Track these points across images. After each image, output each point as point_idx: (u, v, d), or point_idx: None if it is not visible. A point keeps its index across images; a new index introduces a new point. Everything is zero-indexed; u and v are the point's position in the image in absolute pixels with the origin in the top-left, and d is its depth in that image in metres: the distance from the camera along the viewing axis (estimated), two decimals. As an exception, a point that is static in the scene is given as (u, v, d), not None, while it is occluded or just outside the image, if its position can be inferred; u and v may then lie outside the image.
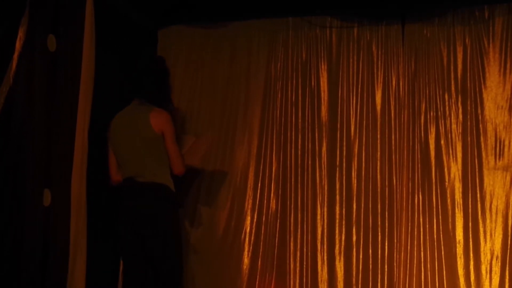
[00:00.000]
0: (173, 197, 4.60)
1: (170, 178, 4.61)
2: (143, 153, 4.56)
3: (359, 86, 5.69)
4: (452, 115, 5.50)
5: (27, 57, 4.32)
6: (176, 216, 4.68)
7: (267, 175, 5.72)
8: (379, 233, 5.50)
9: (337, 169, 5.64)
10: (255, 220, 5.70)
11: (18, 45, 4.29)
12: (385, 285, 5.44)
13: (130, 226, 4.62)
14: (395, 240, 5.47)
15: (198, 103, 5.92)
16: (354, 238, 5.53)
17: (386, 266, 5.46)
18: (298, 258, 5.60)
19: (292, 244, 5.62)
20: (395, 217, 5.49)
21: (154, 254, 4.59)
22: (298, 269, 5.59)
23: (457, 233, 5.38)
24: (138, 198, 4.58)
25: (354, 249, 5.52)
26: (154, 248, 4.59)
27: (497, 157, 5.39)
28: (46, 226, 4.45)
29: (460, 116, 5.49)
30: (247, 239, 5.65)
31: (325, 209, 5.62)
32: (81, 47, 4.75)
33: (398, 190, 5.52)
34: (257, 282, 5.57)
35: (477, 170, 5.40)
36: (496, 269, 5.27)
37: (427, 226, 5.43)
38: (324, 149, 5.69)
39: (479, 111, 5.46)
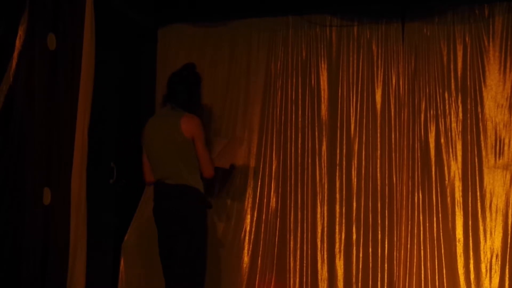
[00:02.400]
0: (202, 199, 4.72)
1: (200, 180, 4.73)
2: (173, 156, 4.67)
3: (359, 84, 5.69)
4: (452, 113, 5.50)
5: (27, 55, 4.32)
6: (203, 217, 4.76)
7: (267, 173, 5.72)
8: (379, 232, 5.50)
9: (337, 167, 5.64)
10: (255, 218, 5.70)
11: (18, 43, 4.29)
12: (385, 284, 5.44)
13: (161, 226, 4.77)
14: (395, 239, 5.47)
15: (198, 101, 5.93)
16: (354, 236, 5.54)
17: (386, 265, 5.46)
18: (298, 257, 5.61)
19: (292, 242, 5.62)
20: (395, 215, 5.49)
21: (179, 254, 4.70)
22: (298, 267, 5.60)
23: (457, 232, 5.38)
24: (167, 199, 4.71)
25: (354, 248, 5.52)
26: (180, 248, 4.69)
27: (497, 155, 5.39)
28: (46, 225, 4.45)
29: (460, 115, 5.49)
30: (247, 237, 5.65)
31: (325, 207, 5.62)
32: (81, 46, 4.75)
33: (398, 189, 5.52)
34: (257, 281, 5.58)
35: (477, 168, 5.40)
36: (496, 267, 5.27)
37: (427, 224, 5.43)
38: (324, 147, 5.69)
39: (479, 110, 5.46)
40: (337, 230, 5.58)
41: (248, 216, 5.69)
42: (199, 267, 4.75)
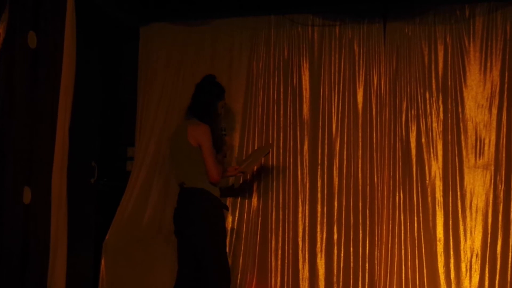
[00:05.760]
0: (215, 201, 4.86)
1: (211, 184, 4.86)
2: (186, 162, 4.87)
3: (341, 84, 5.71)
4: (433, 113, 5.53)
5: (7, 53, 4.28)
6: (218, 219, 4.87)
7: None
8: (360, 231, 5.52)
9: (319, 167, 5.66)
10: (236, 218, 5.70)
11: (-2, 41, 4.26)
12: (366, 283, 5.46)
13: (177, 228, 4.91)
14: (376, 238, 5.49)
15: (180, 100, 5.90)
16: (336, 236, 5.55)
17: (367, 264, 5.48)
18: (279, 256, 5.62)
19: (273, 242, 5.63)
20: (376, 215, 5.52)
21: (196, 256, 4.81)
22: (279, 267, 5.61)
23: (437, 231, 5.41)
24: (183, 203, 4.88)
25: (336, 247, 5.54)
26: (197, 250, 4.81)
27: (477, 155, 5.43)
28: (26, 224, 4.41)
29: (441, 115, 5.52)
30: (228, 237, 5.64)
31: (307, 207, 5.63)
32: (62, 44, 4.71)
33: (379, 188, 5.54)
34: (238, 280, 5.57)
35: (457, 168, 5.44)
36: (476, 267, 5.31)
37: (408, 224, 5.45)
38: (305, 147, 5.70)
39: (460, 110, 5.49)
40: (318, 230, 5.59)
41: (230, 216, 5.68)
42: (222, 266, 4.83)
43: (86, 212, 5.55)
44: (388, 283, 5.41)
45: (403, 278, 5.40)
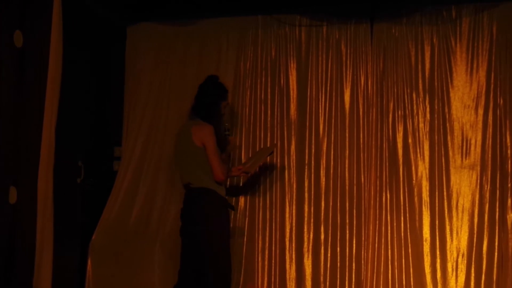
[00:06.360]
0: (221, 201, 4.93)
1: (217, 183, 4.93)
2: (191, 163, 4.94)
3: (328, 84, 5.72)
4: (420, 114, 5.55)
5: (-8, 52, 4.27)
6: (222, 219, 4.94)
7: (235, 173, 5.72)
8: (347, 231, 5.52)
9: (306, 167, 5.66)
10: (223, 218, 5.69)
11: (-17, 40, 4.24)
12: (353, 282, 5.47)
13: (184, 227, 4.96)
14: (363, 238, 5.50)
15: (167, 100, 5.91)
16: (322, 236, 5.56)
17: (354, 264, 5.49)
18: (266, 256, 5.62)
19: (260, 242, 5.63)
20: (363, 215, 5.53)
21: (200, 254, 4.85)
22: (266, 267, 5.61)
23: (424, 231, 5.43)
24: (189, 202, 4.94)
25: (322, 247, 5.54)
26: (201, 248, 4.85)
27: (464, 156, 5.45)
28: (12, 224, 4.39)
29: (428, 115, 5.53)
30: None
31: (294, 207, 5.64)
32: (48, 43, 4.69)
33: (366, 188, 5.55)
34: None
35: (444, 168, 5.45)
36: (462, 266, 5.33)
37: (395, 224, 5.47)
38: (293, 147, 5.71)
39: (446, 110, 5.51)
40: (305, 230, 5.60)
41: (217, 216, 5.67)
42: (223, 267, 4.87)
43: (73, 212, 5.53)
44: (374, 282, 5.42)
45: (390, 278, 5.41)
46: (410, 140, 5.53)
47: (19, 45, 4.49)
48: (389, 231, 5.47)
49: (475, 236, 5.33)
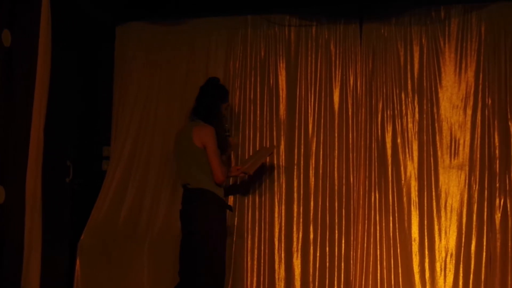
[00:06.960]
0: (219, 202, 4.97)
1: (215, 184, 4.96)
2: (191, 163, 4.98)
3: (317, 84, 5.72)
4: (409, 114, 5.56)
5: (-20, 52, 4.26)
6: (219, 220, 4.98)
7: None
8: (336, 231, 5.53)
9: (295, 167, 5.66)
10: (212, 218, 5.69)
11: (-29, 39, 4.23)
12: (342, 282, 5.47)
13: (183, 227, 5.01)
14: (352, 238, 5.51)
15: (156, 100, 5.91)
16: (312, 236, 5.56)
17: (342, 264, 5.49)
18: (255, 256, 5.62)
19: (249, 241, 5.63)
20: (352, 215, 5.53)
21: (196, 254, 4.88)
22: (255, 266, 5.61)
23: (412, 231, 5.44)
24: (187, 203, 4.99)
25: (311, 247, 5.54)
26: (197, 248, 4.88)
27: (452, 156, 5.46)
28: (0, 224, 4.38)
29: (417, 115, 5.55)
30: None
31: (283, 207, 5.64)
32: (37, 42, 4.68)
33: (355, 188, 5.56)
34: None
35: (432, 168, 5.47)
36: (451, 266, 5.34)
37: (383, 224, 5.48)
38: (282, 147, 5.71)
39: (435, 110, 5.53)
40: (294, 230, 5.60)
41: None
42: (216, 268, 4.90)
43: (61, 212, 5.52)
44: (363, 282, 5.43)
45: (379, 277, 5.42)
46: (399, 140, 5.55)
47: (7, 44, 4.48)
48: (378, 231, 5.48)
49: (463, 236, 5.35)
